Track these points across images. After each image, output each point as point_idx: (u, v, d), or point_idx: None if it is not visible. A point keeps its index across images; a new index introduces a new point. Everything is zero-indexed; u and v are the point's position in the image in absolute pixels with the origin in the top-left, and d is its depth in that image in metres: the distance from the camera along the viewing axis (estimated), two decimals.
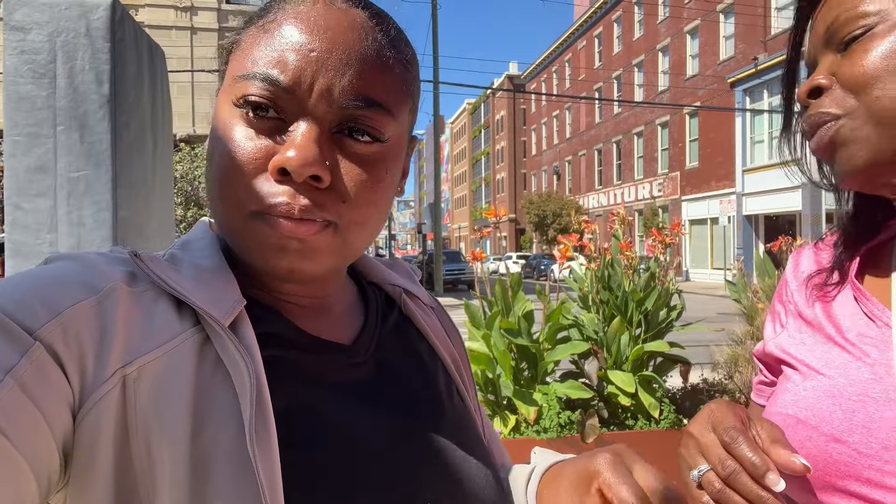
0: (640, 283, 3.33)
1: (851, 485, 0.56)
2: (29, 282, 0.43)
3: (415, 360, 0.63)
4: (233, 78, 0.51)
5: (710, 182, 25.33)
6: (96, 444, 0.41)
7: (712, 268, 24.93)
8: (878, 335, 0.60)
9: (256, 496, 0.42)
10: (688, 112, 26.56)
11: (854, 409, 0.58)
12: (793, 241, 4.10)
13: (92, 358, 0.42)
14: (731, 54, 24.17)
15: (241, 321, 0.48)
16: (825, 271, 0.69)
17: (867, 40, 0.59)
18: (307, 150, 0.48)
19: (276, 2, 0.53)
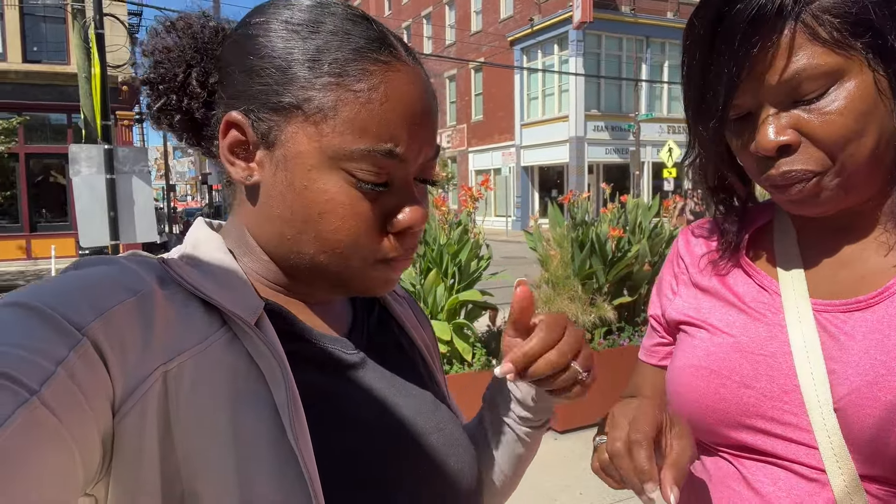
0: (454, 237, 3.51)
1: (757, 422, 0.67)
2: (74, 283, 0.46)
3: (399, 350, 0.68)
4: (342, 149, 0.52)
5: (493, 135, 27.07)
6: (142, 436, 0.45)
7: (495, 215, 26.96)
8: (770, 301, 0.72)
9: (299, 475, 0.48)
10: (473, 67, 27.85)
11: (758, 361, 0.69)
12: (579, 194, 4.62)
13: (134, 356, 0.45)
14: (510, 14, 25.70)
15: (263, 320, 0.53)
16: (716, 251, 0.80)
17: (836, 99, 0.61)
18: (423, 210, 0.56)
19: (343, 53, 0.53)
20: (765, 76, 0.62)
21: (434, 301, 3.47)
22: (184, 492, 0.46)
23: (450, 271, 3.52)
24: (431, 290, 3.47)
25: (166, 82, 0.58)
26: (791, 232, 0.76)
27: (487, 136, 27.54)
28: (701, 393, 0.72)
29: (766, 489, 0.67)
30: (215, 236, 0.59)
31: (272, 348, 0.51)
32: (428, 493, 0.60)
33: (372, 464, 0.56)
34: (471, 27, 28.47)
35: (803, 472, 0.65)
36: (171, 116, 0.60)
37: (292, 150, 0.53)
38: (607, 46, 22.82)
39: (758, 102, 0.65)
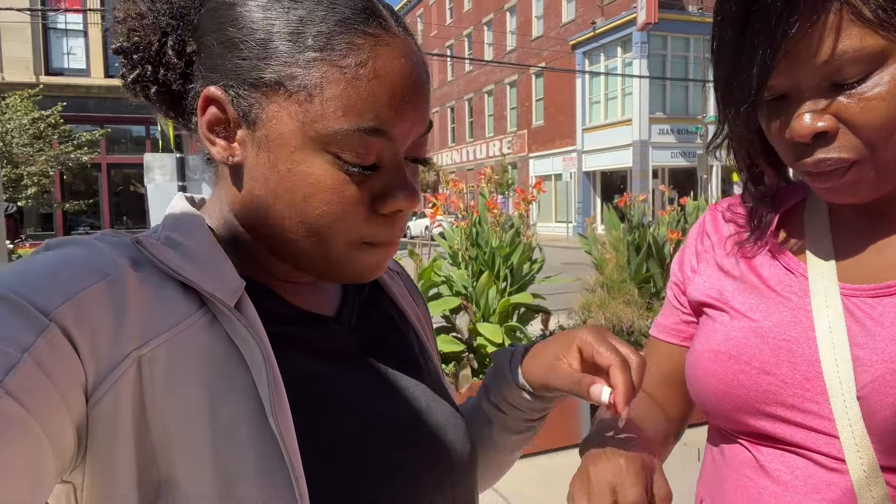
0: (506, 239, 3.51)
1: (777, 409, 0.65)
2: (40, 266, 0.45)
3: (391, 326, 0.66)
4: (326, 128, 0.49)
5: (554, 140, 26.81)
6: (117, 422, 0.43)
7: (556, 221, 26.66)
8: (796, 284, 0.69)
9: (281, 461, 0.46)
10: (534, 72, 27.71)
11: (780, 347, 0.66)
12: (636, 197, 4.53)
13: (105, 340, 0.44)
14: (573, 17, 25.43)
15: (244, 301, 0.51)
16: (744, 231, 0.77)
17: (878, 85, 0.57)
18: (415, 191, 0.53)
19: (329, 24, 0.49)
20: (803, 58, 0.58)
21: (486, 303, 3.46)
22: (160, 479, 0.45)
23: (502, 274, 3.51)
24: (483, 293, 3.47)
25: (140, 51, 0.54)
26: (823, 214, 0.73)
27: (548, 141, 27.31)
28: (719, 378, 0.70)
29: (783, 478, 0.65)
30: (195, 213, 0.56)
31: (253, 331, 0.49)
32: (421, 473, 0.58)
33: (360, 448, 0.54)
34: (532, 32, 28.35)
35: (822, 461, 0.63)
36: (147, 88, 0.56)
37: (275, 131, 0.50)
38: (673, 47, 22.25)
39: (794, 85, 0.61)
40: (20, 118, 13.08)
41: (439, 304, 3.34)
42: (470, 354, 3.45)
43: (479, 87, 33.20)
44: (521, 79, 29.10)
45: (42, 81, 14.44)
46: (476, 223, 3.62)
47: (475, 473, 0.66)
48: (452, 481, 0.61)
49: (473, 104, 34.12)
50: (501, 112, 31.22)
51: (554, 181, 26.70)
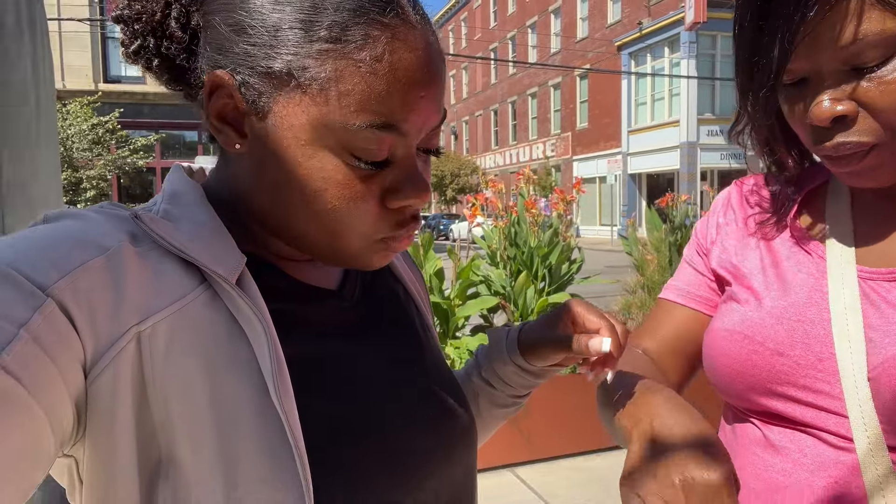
0: (544, 240, 3.50)
1: (789, 390, 0.66)
2: (36, 240, 0.43)
3: (393, 300, 0.66)
4: (337, 123, 0.47)
5: (598, 142, 26.49)
6: (116, 398, 0.43)
7: (600, 224, 26.33)
8: (814, 265, 0.69)
9: (284, 441, 0.45)
10: (578, 74, 27.45)
11: (794, 328, 0.66)
12: (678, 197, 4.45)
13: (103, 316, 0.43)
14: (618, 18, 25.11)
15: (245, 277, 0.50)
16: (765, 212, 0.77)
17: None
18: (427, 186, 0.52)
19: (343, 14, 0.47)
20: (823, 42, 0.58)
21: (524, 303, 3.47)
22: (161, 456, 0.44)
23: (540, 274, 3.50)
24: (522, 293, 3.47)
25: (142, 21, 0.52)
26: (845, 196, 0.72)
27: (592, 143, 27.00)
28: (733, 358, 0.70)
29: (792, 455, 0.66)
30: (195, 186, 0.54)
31: (255, 307, 0.48)
32: (426, 448, 0.58)
33: (363, 423, 0.53)
34: (577, 34, 28.10)
35: (830, 439, 0.64)
36: (149, 60, 0.53)
37: (285, 122, 0.48)
38: (723, 47, 21.69)
39: (814, 69, 0.61)
40: (80, 124, 13.68)
41: (477, 304, 3.36)
42: None
43: (523, 90, 33.08)
44: (566, 81, 28.87)
45: (100, 89, 15.07)
46: (515, 223, 3.63)
47: (476, 447, 0.67)
48: (456, 455, 0.62)
49: (517, 107, 34.02)
50: (545, 114, 31.02)
51: (598, 184, 26.38)
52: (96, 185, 14.02)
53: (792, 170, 0.75)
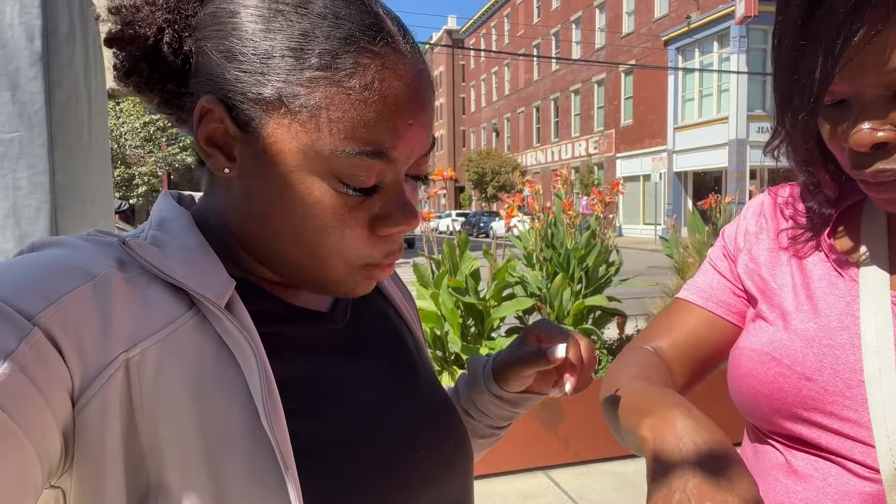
0: (581, 241, 3.46)
1: (815, 416, 0.64)
2: (22, 268, 0.43)
3: (384, 322, 0.66)
4: (325, 150, 0.48)
5: (643, 139, 26.02)
6: (104, 426, 0.43)
7: (644, 223, 25.85)
8: (846, 288, 0.67)
9: (275, 465, 0.45)
10: (623, 70, 27.00)
11: (823, 353, 0.65)
12: (722, 199, 4.35)
13: (91, 344, 0.43)
14: (666, 12, 24.59)
15: (234, 301, 0.49)
16: (799, 226, 0.75)
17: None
18: (414, 212, 0.52)
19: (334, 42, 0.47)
20: (866, 66, 0.56)
21: (560, 305, 3.44)
22: (149, 483, 0.44)
23: (576, 276, 3.47)
24: (558, 295, 3.44)
25: (135, 45, 0.52)
26: (881, 218, 0.70)
27: (637, 140, 26.53)
28: (758, 380, 0.69)
29: (815, 483, 0.64)
30: (183, 212, 0.54)
31: (244, 331, 0.47)
32: (420, 470, 0.57)
33: (356, 447, 0.53)
34: (622, 29, 27.64)
35: (855, 469, 0.62)
36: (140, 83, 0.54)
37: (274, 148, 0.48)
38: None
39: (855, 92, 0.59)
40: (133, 122, 14.16)
41: (512, 305, 3.35)
42: None
43: (566, 87, 32.73)
44: (610, 77, 28.44)
45: None
46: (551, 224, 3.60)
47: (472, 465, 0.66)
48: (453, 474, 0.61)
49: (560, 103, 33.69)
50: (588, 111, 30.64)
51: (642, 182, 25.91)
52: (147, 181, 14.49)
53: (831, 191, 0.73)
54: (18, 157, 2.27)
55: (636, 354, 0.79)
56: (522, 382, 0.70)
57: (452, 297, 3.22)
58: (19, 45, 2.17)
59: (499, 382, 0.71)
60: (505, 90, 41.66)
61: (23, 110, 2.26)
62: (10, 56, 2.17)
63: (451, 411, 0.65)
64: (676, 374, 0.80)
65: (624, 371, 0.74)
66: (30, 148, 2.31)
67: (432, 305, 3.23)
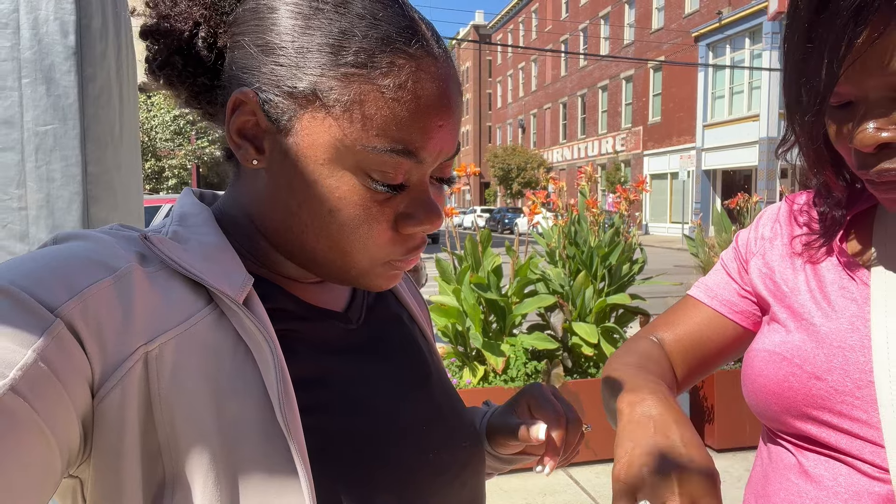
0: (605, 239, 3.44)
1: (824, 415, 0.65)
2: (46, 260, 0.44)
3: (398, 323, 0.67)
4: (357, 144, 0.48)
5: (671, 137, 25.68)
6: (123, 418, 0.43)
7: (671, 222, 25.53)
8: (858, 292, 0.68)
9: (289, 461, 0.46)
10: (652, 66, 26.65)
11: (834, 354, 0.66)
12: (749, 198, 4.28)
13: (112, 336, 0.43)
14: (696, 8, 24.20)
15: (252, 297, 0.50)
16: (812, 232, 0.76)
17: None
18: (439, 212, 0.53)
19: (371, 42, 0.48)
20: (870, 68, 0.58)
21: (582, 303, 3.42)
22: (165, 474, 0.45)
23: (599, 274, 3.45)
24: (580, 292, 3.43)
25: (170, 38, 0.53)
26: (893, 221, 0.71)
27: (665, 138, 26.19)
28: (770, 379, 0.70)
29: (826, 483, 0.65)
30: (203, 208, 0.56)
31: (261, 327, 0.48)
32: (433, 471, 0.58)
33: (369, 446, 0.53)
34: (651, 25, 27.28)
35: (866, 469, 0.63)
36: (171, 76, 0.55)
37: (305, 141, 0.49)
38: None
39: (860, 93, 0.60)
40: (163, 115, 14.40)
41: (534, 302, 3.35)
42: (564, 353, 3.42)
43: (594, 83, 32.43)
44: (639, 73, 28.10)
45: None
46: (575, 222, 3.58)
47: (484, 470, 0.67)
48: (465, 476, 0.61)
49: (587, 100, 33.40)
50: (616, 108, 30.32)
51: (669, 180, 25.59)
52: (177, 173, 14.74)
53: (840, 192, 0.73)
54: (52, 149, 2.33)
55: (640, 343, 0.82)
56: (509, 448, 0.69)
57: (474, 293, 3.23)
58: (54, 41, 2.23)
59: (489, 441, 0.71)
60: (532, 86, 41.42)
61: (57, 104, 2.33)
62: (46, 51, 2.23)
63: (463, 414, 0.66)
64: (677, 367, 0.82)
65: (624, 357, 0.78)
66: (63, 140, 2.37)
67: (454, 301, 3.24)
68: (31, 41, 2.16)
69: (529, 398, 0.67)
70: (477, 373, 3.20)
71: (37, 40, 2.17)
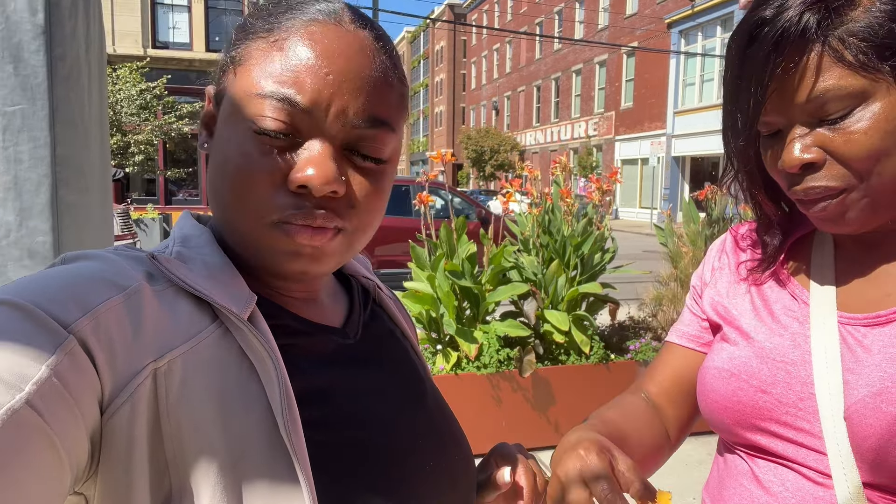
0: (577, 229, 3.49)
1: (772, 426, 0.70)
2: (58, 279, 0.45)
3: (393, 340, 0.69)
4: (245, 93, 0.52)
5: (642, 123, 25.93)
6: (132, 433, 0.44)
7: (640, 207, 25.89)
8: (799, 311, 0.74)
9: (293, 474, 0.47)
10: (625, 52, 26.79)
11: (778, 368, 0.71)
12: (718, 189, 4.36)
13: (122, 353, 0.45)
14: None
15: (255, 315, 0.52)
16: (756, 258, 0.81)
17: (861, 119, 0.62)
18: (327, 168, 0.51)
19: (283, 18, 0.54)
20: (791, 96, 0.64)
21: (554, 291, 3.47)
22: (171, 489, 0.45)
23: (572, 263, 3.50)
24: (553, 281, 3.47)
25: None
26: (829, 245, 0.77)
27: (636, 124, 26.44)
28: (720, 394, 0.75)
29: (774, 489, 0.70)
30: (204, 230, 0.58)
31: (265, 343, 0.50)
32: (430, 484, 0.59)
33: (371, 459, 0.55)
34: (626, 10, 27.36)
35: (811, 475, 0.68)
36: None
37: (223, 107, 0.55)
38: None
39: (786, 121, 0.67)
40: (129, 89, 13.99)
41: (508, 289, 3.38)
42: (536, 340, 3.48)
43: (568, 66, 32.48)
44: (612, 58, 28.22)
45: (149, 54, 15.36)
46: (549, 211, 3.62)
47: (475, 482, 0.69)
48: (456, 489, 0.63)
49: (561, 83, 33.45)
50: (589, 92, 30.45)
51: (640, 165, 25.88)
52: (143, 149, 14.38)
53: (772, 213, 0.79)
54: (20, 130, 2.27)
55: (625, 398, 0.86)
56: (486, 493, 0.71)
57: (448, 280, 3.25)
58: (22, 18, 2.15)
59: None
60: (506, 68, 41.29)
61: (25, 83, 2.25)
62: (14, 29, 2.16)
63: (455, 427, 0.68)
64: (668, 411, 0.85)
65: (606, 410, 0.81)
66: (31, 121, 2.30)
67: (429, 288, 3.25)
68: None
69: (497, 455, 0.69)
70: (450, 359, 3.23)
71: (4, 17, 2.10)
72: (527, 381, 3.27)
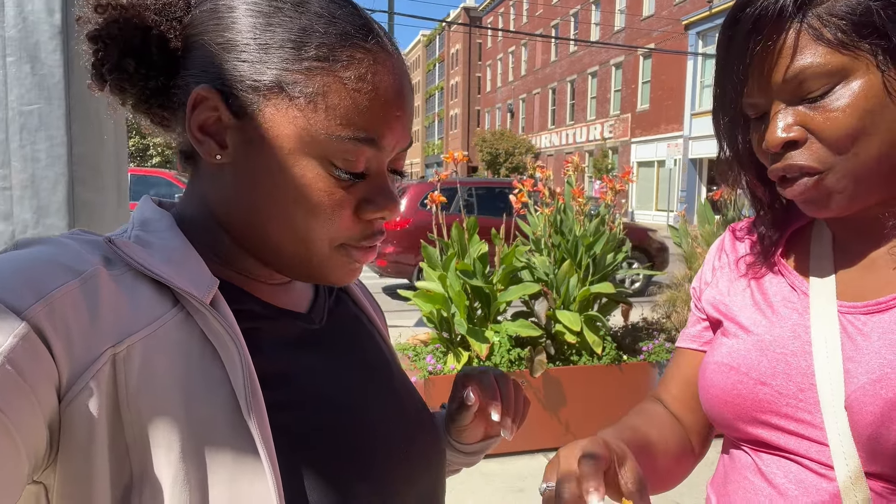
0: (590, 228, 3.47)
1: (772, 418, 0.70)
2: (10, 264, 0.44)
3: (358, 325, 0.69)
4: (321, 133, 0.51)
5: (659, 125, 25.75)
6: (92, 420, 0.43)
7: (657, 209, 25.69)
8: (798, 301, 0.73)
9: (257, 458, 0.47)
10: (642, 54, 26.63)
11: (777, 360, 0.70)
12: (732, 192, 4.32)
13: (79, 339, 0.44)
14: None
15: (218, 299, 0.51)
16: (755, 252, 0.81)
17: (840, 98, 0.62)
18: (397, 201, 0.56)
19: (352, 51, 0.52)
20: (771, 74, 0.65)
21: (566, 291, 3.46)
22: (133, 475, 0.45)
23: (583, 263, 3.49)
24: (564, 281, 3.46)
25: (120, 43, 0.53)
26: (827, 235, 0.76)
27: (653, 126, 26.26)
28: (721, 388, 0.74)
29: (778, 481, 0.70)
30: (164, 214, 0.56)
31: (227, 327, 0.49)
32: (396, 467, 0.59)
33: (335, 442, 0.54)
34: (642, 11, 27.21)
35: (813, 466, 0.67)
36: (121, 80, 0.54)
37: (270, 133, 0.51)
38: None
39: (769, 101, 0.67)
40: None
41: (519, 289, 3.38)
42: (547, 340, 3.47)
43: (583, 69, 32.36)
44: (628, 60, 28.06)
45: None
46: (561, 210, 3.61)
47: (444, 459, 0.69)
48: (425, 470, 0.64)
49: (576, 86, 33.33)
50: (605, 94, 30.30)
51: (656, 168, 25.70)
52: (161, 151, 14.55)
53: (766, 200, 0.79)
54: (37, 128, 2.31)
55: (646, 406, 0.86)
56: (471, 433, 0.74)
57: (460, 280, 3.25)
58: (39, 19, 2.19)
59: (453, 435, 0.75)
60: (521, 70, 41.23)
61: (42, 83, 2.29)
62: (31, 29, 2.20)
63: (424, 410, 0.68)
64: (685, 415, 0.85)
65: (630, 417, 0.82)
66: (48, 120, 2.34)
67: (440, 287, 3.26)
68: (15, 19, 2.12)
69: (461, 380, 0.72)
70: (461, 359, 3.23)
71: (21, 18, 2.14)
72: (538, 382, 3.26)
